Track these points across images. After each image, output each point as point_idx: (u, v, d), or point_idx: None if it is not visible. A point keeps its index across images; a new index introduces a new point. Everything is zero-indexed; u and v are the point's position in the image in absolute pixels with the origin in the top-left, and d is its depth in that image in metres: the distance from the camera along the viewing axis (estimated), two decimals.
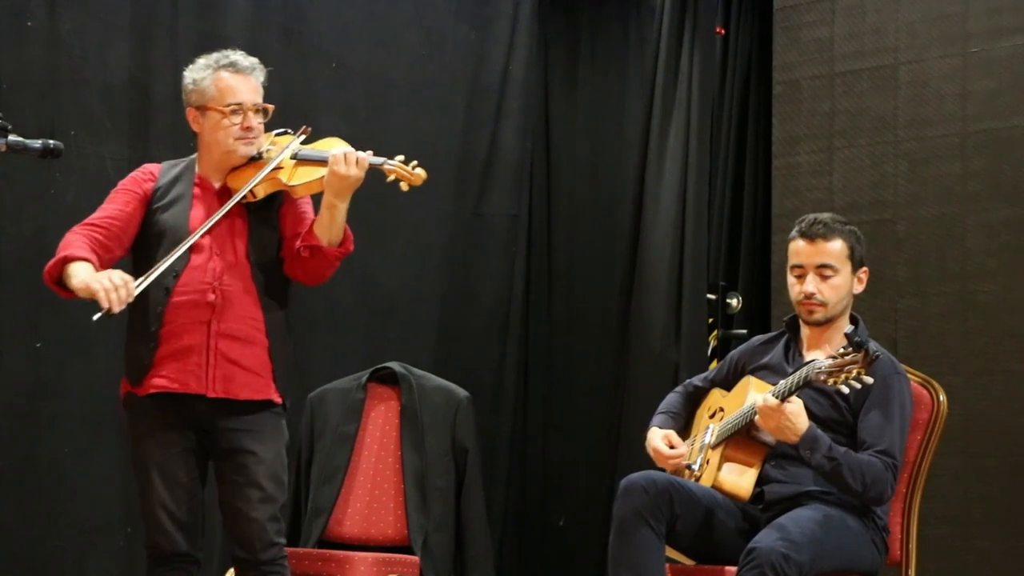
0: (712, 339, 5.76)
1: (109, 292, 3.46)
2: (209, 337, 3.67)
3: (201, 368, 3.67)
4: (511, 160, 6.11)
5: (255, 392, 3.71)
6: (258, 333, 3.72)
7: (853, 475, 3.66)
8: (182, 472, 3.71)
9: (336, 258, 3.75)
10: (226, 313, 3.68)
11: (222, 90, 3.75)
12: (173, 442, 3.71)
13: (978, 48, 5.12)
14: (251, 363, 3.70)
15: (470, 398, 5.09)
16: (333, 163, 3.68)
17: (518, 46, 6.13)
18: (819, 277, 3.86)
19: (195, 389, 3.67)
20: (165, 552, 3.71)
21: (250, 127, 3.76)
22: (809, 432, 3.64)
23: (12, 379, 4.86)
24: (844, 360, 3.54)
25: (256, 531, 3.69)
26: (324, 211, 3.72)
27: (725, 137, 5.99)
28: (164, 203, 3.78)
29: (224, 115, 3.74)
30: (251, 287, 3.72)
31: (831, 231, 3.86)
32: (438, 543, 4.84)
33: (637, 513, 3.65)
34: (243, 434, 3.69)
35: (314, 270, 3.76)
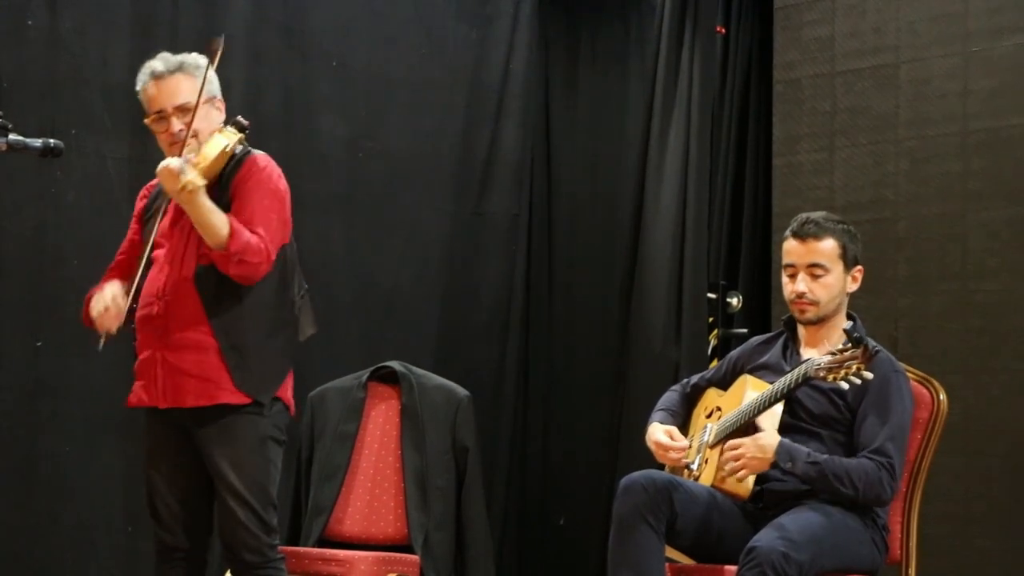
0: (712, 338, 5.76)
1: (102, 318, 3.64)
2: (156, 350, 3.71)
3: (152, 382, 3.71)
4: (511, 160, 6.11)
5: (205, 398, 3.67)
6: (205, 337, 3.68)
7: (840, 480, 3.66)
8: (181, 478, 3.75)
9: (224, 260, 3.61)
10: (170, 323, 3.69)
11: (146, 102, 3.76)
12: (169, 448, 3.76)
13: (979, 47, 5.12)
14: (200, 370, 3.67)
15: (470, 397, 5.09)
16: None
17: (518, 45, 6.13)
18: (810, 276, 3.86)
19: (149, 403, 3.73)
20: (167, 547, 3.75)
21: (171, 132, 3.70)
22: (781, 446, 3.66)
23: (12, 379, 4.87)
24: (843, 356, 3.54)
25: (241, 535, 3.68)
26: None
27: (725, 136, 5.99)
28: (147, 217, 3.85)
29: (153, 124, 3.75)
30: (192, 291, 3.68)
31: (822, 230, 3.86)
32: (438, 542, 4.84)
33: (637, 512, 3.65)
34: (212, 440, 3.69)
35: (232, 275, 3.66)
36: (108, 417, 5.01)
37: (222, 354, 3.68)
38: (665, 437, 3.99)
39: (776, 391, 3.70)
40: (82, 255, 5.00)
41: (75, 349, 4.97)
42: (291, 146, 5.34)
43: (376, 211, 5.73)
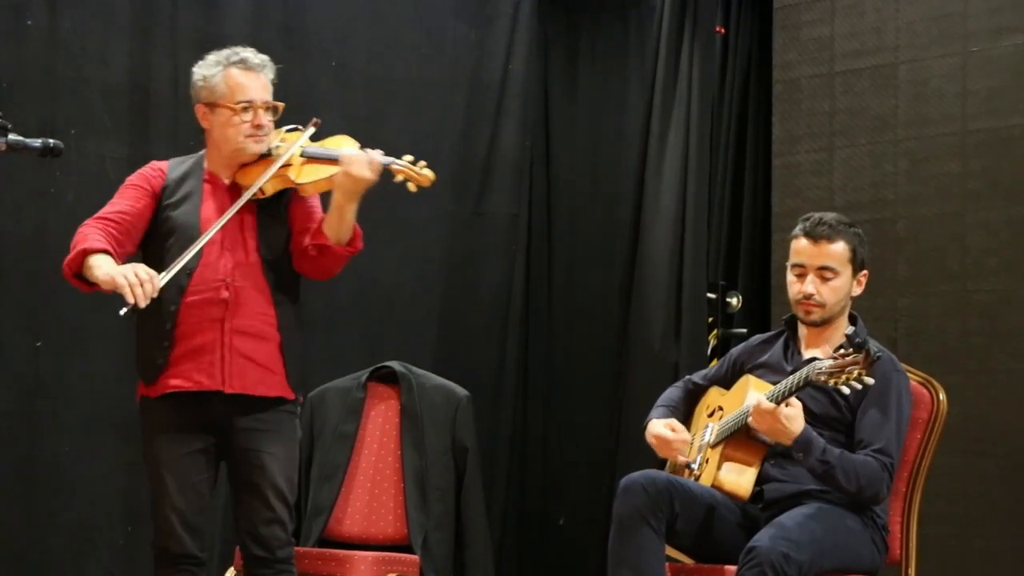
0: (712, 338, 5.76)
1: (135, 287, 3.44)
2: (223, 334, 3.65)
3: (215, 365, 3.65)
4: (511, 159, 6.11)
5: (269, 389, 3.71)
6: (270, 329, 3.71)
7: (847, 477, 3.66)
8: (193, 473, 3.70)
9: (344, 257, 3.74)
10: (239, 310, 3.67)
11: (232, 87, 3.73)
12: (186, 443, 3.69)
13: (978, 47, 5.12)
14: (265, 360, 3.70)
15: (470, 397, 5.09)
16: (345, 164, 3.67)
17: (518, 45, 6.13)
18: (819, 278, 3.85)
19: (209, 386, 3.65)
20: (173, 554, 3.70)
21: (260, 125, 3.74)
22: (803, 435, 3.63)
23: (12, 378, 4.87)
24: (845, 361, 3.53)
25: (276, 530, 3.70)
26: (333, 211, 3.71)
27: (725, 136, 5.99)
28: (174, 200, 3.76)
29: (234, 112, 3.72)
30: (262, 283, 3.71)
31: (835, 233, 3.85)
32: (438, 542, 4.84)
33: (637, 512, 3.65)
34: (259, 434, 3.69)
35: (322, 267, 3.76)
36: (108, 417, 5.01)
37: (282, 348, 3.72)
38: (666, 430, 3.98)
39: (777, 394, 3.69)
40: None
41: (75, 349, 4.97)
42: None
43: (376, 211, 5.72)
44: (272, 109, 3.77)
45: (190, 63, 5.21)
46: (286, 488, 3.72)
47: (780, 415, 3.61)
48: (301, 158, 3.76)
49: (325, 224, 3.73)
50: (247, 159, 3.77)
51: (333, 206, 3.71)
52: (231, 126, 3.73)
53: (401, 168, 3.76)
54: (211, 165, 3.81)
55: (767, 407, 3.62)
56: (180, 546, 3.69)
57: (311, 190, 3.77)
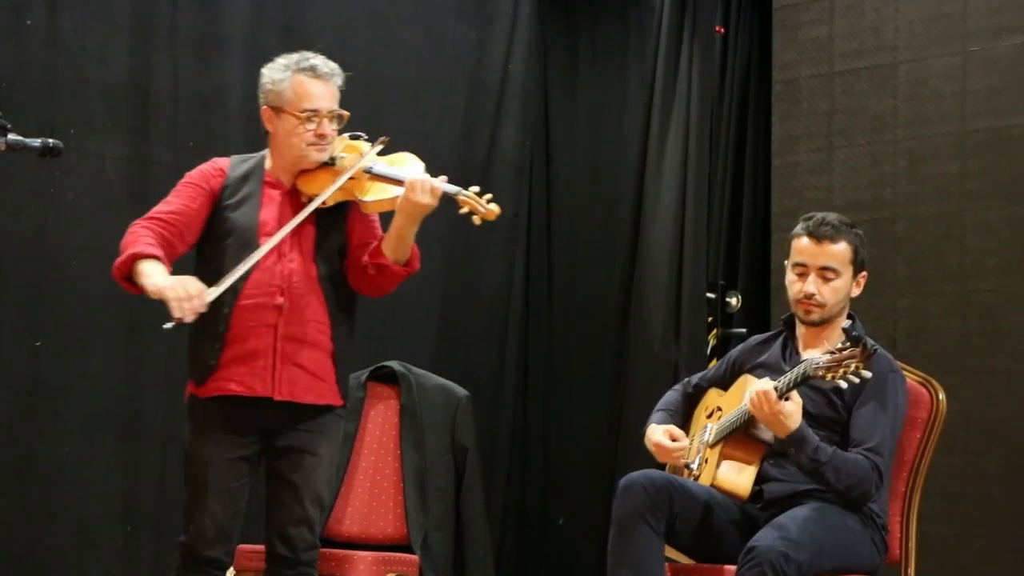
0: (711, 338, 5.76)
1: (182, 302, 3.42)
2: (275, 340, 3.64)
3: (267, 371, 3.64)
4: (511, 159, 6.11)
5: (318, 397, 3.71)
6: (323, 337, 3.71)
7: (837, 475, 3.66)
8: (233, 479, 3.66)
9: (402, 277, 3.75)
10: (293, 316, 3.66)
11: (299, 94, 3.70)
12: (231, 448, 3.66)
13: (977, 47, 5.12)
14: (315, 367, 3.69)
15: (470, 397, 5.10)
16: (409, 189, 3.66)
17: (518, 45, 6.13)
18: (821, 278, 3.85)
19: (261, 392, 3.63)
20: (201, 556, 3.66)
21: (324, 134, 3.72)
22: (798, 431, 3.64)
23: (12, 378, 4.87)
24: (842, 355, 3.53)
25: (304, 532, 3.69)
26: (393, 232, 3.71)
27: (724, 136, 5.99)
28: (233, 201, 3.73)
29: (300, 120, 3.70)
30: (318, 291, 3.70)
31: (838, 233, 3.85)
32: (437, 542, 4.84)
33: (636, 512, 3.66)
34: (305, 434, 3.69)
35: (378, 286, 3.77)
36: (108, 417, 5.02)
37: (334, 356, 3.73)
38: (665, 438, 3.98)
39: (781, 387, 3.69)
40: (82, 255, 5.00)
41: (75, 349, 4.98)
42: None
43: None
44: (337, 118, 3.75)
45: (190, 63, 5.25)
46: (323, 491, 3.73)
47: (781, 407, 3.61)
48: (366, 174, 3.74)
49: (385, 243, 3.72)
50: (308, 166, 3.75)
51: (394, 227, 3.71)
52: (295, 134, 3.71)
53: (467, 199, 3.75)
54: (272, 168, 3.78)
55: (771, 395, 3.61)
56: (210, 550, 3.65)
57: (373, 208, 3.76)
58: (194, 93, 5.24)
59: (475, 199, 3.74)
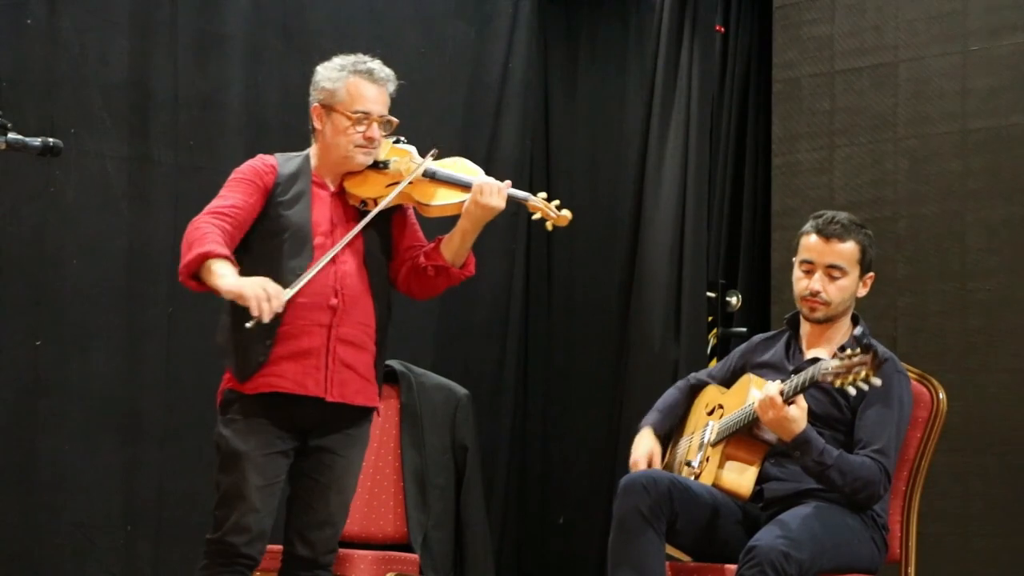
0: (712, 337, 5.76)
1: (262, 302, 3.41)
2: (329, 340, 3.63)
3: (320, 371, 3.62)
4: (511, 158, 6.10)
5: (367, 399, 3.72)
6: (369, 340, 3.71)
7: (843, 478, 3.66)
8: (272, 475, 3.62)
9: (459, 280, 3.79)
10: (346, 318, 3.66)
11: (353, 96, 3.71)
12: (272, 443, 3.62)
13: (978, 46, 5.12)
14: (363, 369, 3.70)
15: (470, 396, 5.09)
16: (478, 193, 3.69)
17: (518, 44, 6.13)
18: (827, 277, 3.85)
19: (313, 392, 3.62)
20: (236, 551, 3.59)
21: (372, 137, 3.72)
22: (802, 435, 3.63)
23: (12, 377, 4.87)
24: (852, 362, 3.52)
25: (327, 533, 3.69)
26: (458, 236, 3.73)
27: (725, 135, 5.99)
28: (286, 199, 3.71)
29: (350, 121, 3.70)
30: (367, 293, 3.71)
31: (847, 232, 3.85)
32: (437, 541, 4.84)
33: (637, 511, 3.65)
34: (339, 436, 3.69)
35: (432, 287, 3.80)
36: (108, 416, 5.02)
37: (375, 359, 3.74)
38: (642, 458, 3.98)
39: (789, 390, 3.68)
40: (82, 255, 5.00)
41: (74, 348, 4.97)
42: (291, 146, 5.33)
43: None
44: (387, 123, 3.76)
45: (190, 63, 5.25)
46: (350, 494, 3.74)
47: (786, 411, 3.61)
48: (425, 179, 3.76)
49: (445, 246, 3.74)
50: (353, 168, 3.76)
51: (458, 230, 3.73)
52: (343, 134, 3.71)
53: (537, 205, 3.82)
54: (318, 168, 3.77)
55: (778, 400, 3.61)
56: (248, 546, 3.59)
57: (436, 213, 3.78)
58: (194, 93, 5.24)
59: (545, 204, 3.82)
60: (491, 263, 6.05)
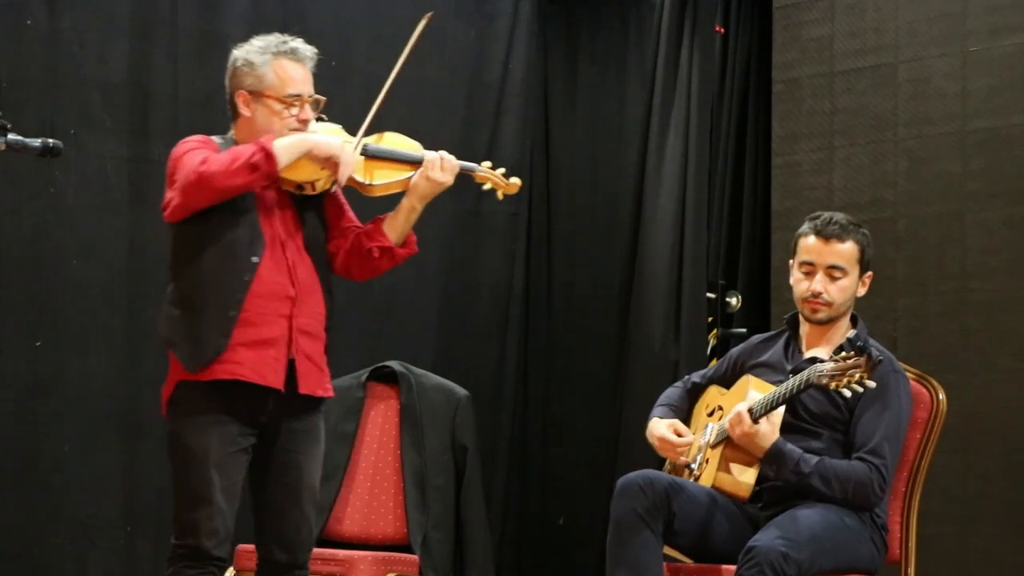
0: (711, 338, 5.76)
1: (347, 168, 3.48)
2: (291, 331, 3.52)
3: (280, 362, 3.49)
4: (511, 158, 6.09)
5: (324, 389, 3.61)
6: (322, 328, 3.62)
7: (827, 484, 3.66)
8: (235, 474, 3.50)
9: (402, 258, 3.69)
10: (303, 308, 3.55)
11: (283, 79, 3.58)
12: (234, 440, 3.49)
13: (978, 46, 5.12)
14: (319, 359, 3.61)
15: (470, 397, 5.10)
16: (429, 168, 3.61)
17: (518, 44, 6.13)
18: (828, 277, 3.85)
19: (272, 383, 3.49)
20: (207, 555, 3.47)
21: (306, 119, 3.61)
22: (773, 448, 3.65)
23: (12, 378, 4.87)
24: (846, 364, 3.53)
25: (304, 535, 3.59)
26: (403, 214, 3.64)
27: (725, 136, 5.99)
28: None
29: (284, 105, 3.58)
30: (316, 281, 3.61)
31: (846, 232, 3.85)
32: (437, 542, 4.84)
33: (635, 512, 3.65)
34: (300, 434, 3.57)
35: (374, 269, 3.69)
36: (108, 416, 5.02)
37: (326, 347, 3.65)
38: (670, 433, 3.97)
39: (778, 395, 3.69)
40: (82, 255, 5.01)
41: (74, 349, 4.98)
42: None
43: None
44: (315, 103, 3.66)
45: (190, 63, 5.25)
46: (318, 492, 3.62)
47: (753, 429, 3.66)
48: (362, 156, 3.64)
49: (388, 225, 3.65)
50: None
51: (403, 209, 3.64)
52: (277, 118, 3.57)
53: (486, 175, 3.73)
54: None
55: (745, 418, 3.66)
56: (216, 547, 3.46)
57: (379, 192, 3.67)
58: (194, 93, 5.24)
59: (492, 174, 3.73)
60: (491, 263, 6.06)
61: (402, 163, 3.66)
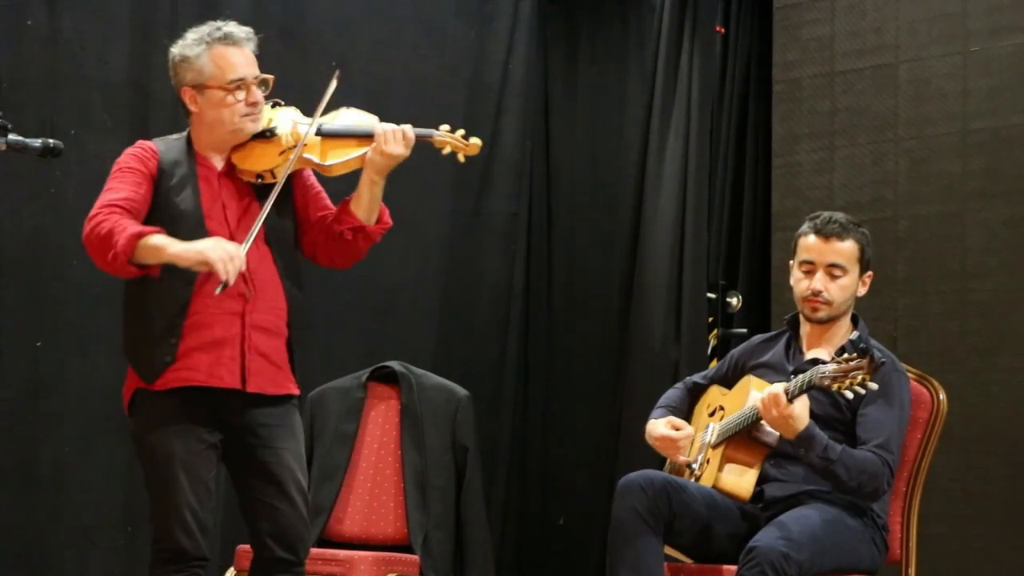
0: (712, 338, 5.76)
1: (227, 263, 3.28)
2: (243, 328, 3.47)
3: (235, 362, 3.46)
4: (511, 159, 6.11)
5: (280, 387, 3.55)
6: (282, 323, 3.55)
7: (848, 473, 3.66)
8: (204, 470, 3.47)
9: (378, 236, 3.62)
10: (258, 304, 3.49)
11: (222, 66, 3.51)
12: (197, 437, 3.46)
13: (978, 46, 5.12)
14: (277, 356, 3.54)
15: (470, 397, 5.09)
16: (381, 142, 3.53)
17: (518, 44, 6.12)
18: (828, 276, 3.85)
19: (229, 383, 3.46)
20: (187, 555, 3.44)
21: (256, 102, 3.55)
22: (806, 431, 3.63)
23: (12, 378, 4.88)
24: (849, 366, 3.52)
25: (302, 532, 3.55)
26: (365, 190, 3.56)
27: (725, 136, 5.99)
28: (172, 184, 3.50)
29: (228, 92, 3.52)
30: (275, 275, 3.54)
31: (846, 231, 3.86)
32: (438, 542, 4.84)
33: (635, 513, 3.65)
34: (274, 429, 3.52)
35: (354, 251, 3.63)
36: (108, 417, 5.01)
37: (288, 343, 3.58)
38: (669, 429, 3.98)
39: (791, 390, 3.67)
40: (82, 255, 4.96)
41: (75, 349, 4.98)
42: None
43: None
44: (263, 83, 3.58)
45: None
46: (305, 484, 3.57)
47: (789, 410, 3.61)
48: (317, 136, 3.57)
49: (355, 205, 3.58)
50: (243, 139, 3.57)
51: (363, 185, 3.56)
52: (225, 107, 3.51)
53: (444, 139, 3.64)
54: (201, 148, 3.57)
55: (782, 399, 3.60)
56: (195, 547, 3.44)
57: (338, 171, 3.59)
58: None
59: (453, 137, 3.64)
60: (491, 263, 6.06)
61: (356, 139, 3.58)
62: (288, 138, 3.57)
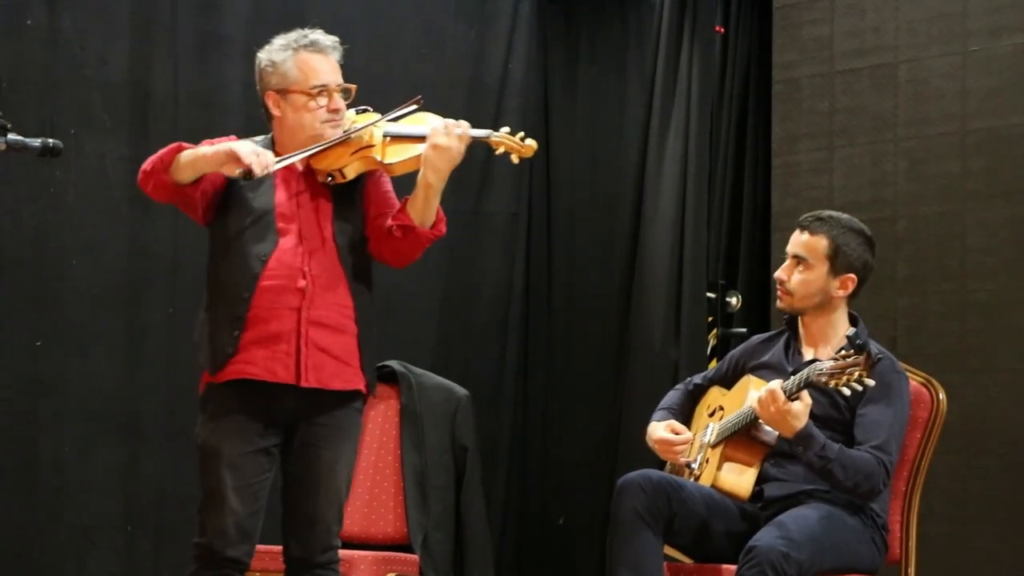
0: (711, 338, 5.76)
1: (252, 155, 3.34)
2: (299, 324, 3.48)
3: (291, 356, 3.47)
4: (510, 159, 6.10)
5: (346, 382, 3.55)
6: (348, 321, 3.56)
7: (845, 472, 3.66)
8: (252, 474, 3.47)
9: (428, 240, 3.61)
10: (316, 299, 3.51)
11: (306, 72, 3.58)
12: (250, 440, 3.48)
13: (978, 46, 5.12)
14: (341, 352, 3.54)
15: (470, 397, 5.10)
16: (434, 136, 3.54)
17: (517, 44, 6.13)
18: (792, 266, 3.88)
19: (283, 378, 3.47)
20: (221, 556, 3.46)
21: (337, 108, 3.59)
22: (804, 429, 3.63)
23: (12, 378, 4.87)
24: (846, 362, 3.53)
25: (319, 533, 3.54)
26: (420, 190, 3.57)
27: (725, 136, 5.99)
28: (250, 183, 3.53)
29: (310, 97, 3.57)
30: (340, 272, 3.56)
31: (820, 226, 3.86)
32: (437, 542, 4.84)
33: (635, 512, 3.65)
34: (327, 430, 3.53)
35: (404, 251, 3.63)
36: (108, 417, 5.02)
37: (359, 340, 3.58)
38: (668, 433, 3.98)
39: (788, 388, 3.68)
40: (82, 255, 5.01)
41: (75, 349, 4.98)
42: None
43: None
44: (345, 91, 3.63)
45: (190, 63, 5.25)
46: (343, 490, 3.58)
47: (788, 407, 3.61)
48: (384, 139, 3.62)
49: (410, 204, 3.58)
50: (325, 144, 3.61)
51: (420, 184, 3.57)
52: (307, 112, 3.57)
53: (500, 140, 3.65)
54: (282, 151, 3.61)
55: (779, 395, 3.60)
56: (231, 549, 3.44)
57: (400, 170, 3.62)
58: (194, 93, 5.25)
59: (509, 138, 3.66)
60: (491, 263, 6.06)
61: (415, 140, 3.62)
62: (360, 139, 3.63)
